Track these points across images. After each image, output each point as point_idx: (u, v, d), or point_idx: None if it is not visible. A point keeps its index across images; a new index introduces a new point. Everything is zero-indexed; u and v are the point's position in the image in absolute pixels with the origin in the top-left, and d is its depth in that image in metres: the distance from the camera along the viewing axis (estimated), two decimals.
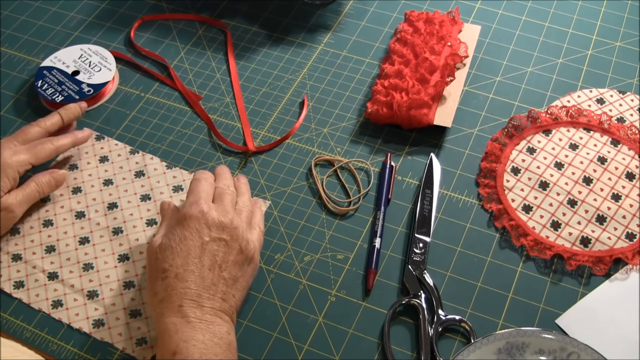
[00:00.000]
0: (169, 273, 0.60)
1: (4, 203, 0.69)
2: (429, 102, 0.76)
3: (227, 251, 0.62)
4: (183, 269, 0.60)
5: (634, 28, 0.87)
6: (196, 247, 0.61)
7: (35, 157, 0.73)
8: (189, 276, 0.60)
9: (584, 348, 0.59)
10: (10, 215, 0.70)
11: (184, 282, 0.60)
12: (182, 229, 0.62)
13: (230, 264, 0.62)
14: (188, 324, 0.58)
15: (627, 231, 0.69)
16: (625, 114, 0.78)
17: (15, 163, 0.71)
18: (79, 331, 0.66)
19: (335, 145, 0.78)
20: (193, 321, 0.58)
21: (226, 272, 0.62)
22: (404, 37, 0.84)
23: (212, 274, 0.61)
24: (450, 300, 0.66)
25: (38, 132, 0.75)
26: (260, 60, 0.87)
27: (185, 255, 0.61)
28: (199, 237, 0.62)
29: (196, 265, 0.61)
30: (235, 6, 0.94)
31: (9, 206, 0.69)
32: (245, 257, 0.64)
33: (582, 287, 0.66)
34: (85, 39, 0.91)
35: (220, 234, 0.62)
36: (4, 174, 0.70)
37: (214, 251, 0.62)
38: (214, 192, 0.67)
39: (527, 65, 0.84)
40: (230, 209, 0.65)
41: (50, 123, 0.76)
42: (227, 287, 0.61)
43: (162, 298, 0.60)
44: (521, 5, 0.91)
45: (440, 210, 0.72)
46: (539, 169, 0.74)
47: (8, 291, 0.69)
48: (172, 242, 0.62)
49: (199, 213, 0.63)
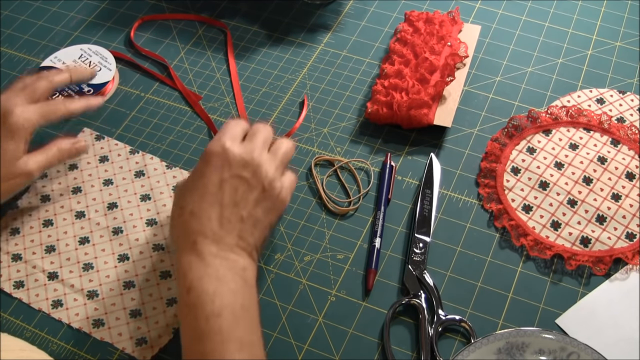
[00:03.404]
0: (185, 210, 0.60)
1: (26, 168, 0.67)
2: (429, 102, 0.76)
3: (248, 189, 0.60)
4: (199, 206, 0.59)
5: (634, 28, 0.87)
6: (214, 184, 0.60)
7: (45, 119, 0.69)
8: (203, 213, 0.59)
9: (584, 348, 0.59)
10: (29, 178, 0.68)
11: (198, 218, 0.59)
12: (202, 165, 0.61)
13: (251, 202, 0.60)
14: (202, 261, 0.57)
15: (627, 231, 0.69)
16: (625, 114, 0.78)
17: (26, 123, 0.67)
18: (79, 331, 0.66)
19: (335, 145, 0.78)
20: (207, 258, 0.57)
21: (245, 211, 0.60)
22: (404, 37, 0.84)
23: (229, 211, 0.59)
24: (450, 300, 0.66)
25: (47, 88, 0.71)
26: (260, 60, 0.87)
27: (202, 192, 0.60)
28: (218, 174, 0.60)
29: (211, 202, 0.59)
30: (235, 6, 0.94)
31: (30, 172, 0.68)
32: (269, 197, 0.61)
33: (582, 287, 0.66)
34: (85, 39, 0.91)
35: (241, 171, 0.60)
36: (18, 137, 0.67)
37: (232, 189, 0.60)
38: (245, 133, 0.64)
39: (527, 65, 0.84)
40: (258, 147, 0.62)
41: (59, 80, 0.73)
42: (245, 225, 0.60)
43: (178, 235, 0.60)
44: (521, 5, 0.91)
45: (440, 210, 0.72)
46: (539, 169, 0.74)
47: (8, 291, 0.69)
48: (193, 179, 0.61)
49: (220, 149, 0.61)
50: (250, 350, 0.54)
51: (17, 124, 0.67)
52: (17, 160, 0.67)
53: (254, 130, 0.65)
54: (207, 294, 0.55)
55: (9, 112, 0.67)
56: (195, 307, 0.55)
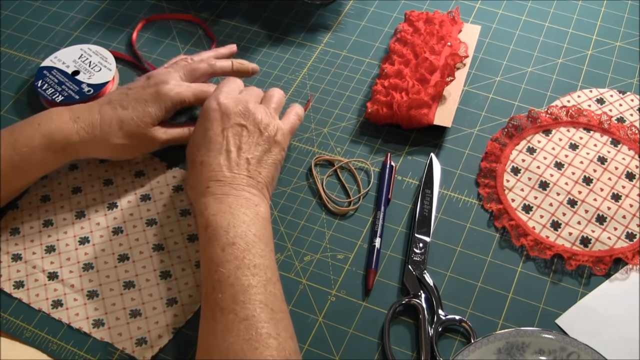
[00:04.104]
0: (195, 163, 0.66)
1: (150, 133, 0.72)
2: (429, 102, 0.76)
3: (248, 134, 0.67)
4: (207, 156, 0.66)
5: (634, 28, 0.87)
6: (217, 135, 0.66)
7: (196, 98, 0.73)
8: (212, 161, 0.65)
9: (584, 348, 0.59)
10: (152, 145, 0.73)
11: (208, 166, 0.65)
12: (203, 121, 0.68)
13: (253, 145, 0.67)
14: (216, 199, 0.63)
15: (627, 231, 0.69)
16: (625, 114, 0.78)
17: (176, 97, 0.72)
18: (79, 331, 0.66)
19: (335, 145, 0.78)
20: (220, 197, 0.63)
21: (248, 153, 0.66)
22: (404, 37, 0.84)
23: (235, 155, 0.66)
24: (450, 300, 0.66)
25: (206, 71, 0.76)
26: (260, 60, 0.87)
27: (207, 144, 0.66)
28: (219, 125, 0.67)
29: (218, 150, 0.66)
30: (235, 6, 0.94)
31: (155, 138, 0.72)
32: (267, 138, 0.68)
33: (582, 287, 0.66)
34: (85, 39, 0.91)
35: (239, 120, 0.67)
36: (161, 105, 0.71)
37: (234, 136, 0.66)
38: (239, 90, 0.71)
39: (527, 65, 0.84)
40: (252, 99, 0.70)
41: (220, 67, 0.77)
42: (251, 166, 0.66)
43: (192, 185, 0.66)
44: (521, 5, 0.91)
45: (440, 210, 0.72)
46: (539, 169, 0.74)
47: (8, 291, 0.69)
48: (197, 135, 0.68)
49: (216, 104, 0.68)
50: (264, 273, 0.59)
51: (166, 94, 0.71)
52: (152, 126, 0.72)
53: (246, 88, 0.72)
54: (221, 227, 0.61)
55: (164, 82, 0.72)
56: (212, 240, 0.60)
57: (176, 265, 0.69)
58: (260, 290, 0.57)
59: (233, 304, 0.56)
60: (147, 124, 0.71)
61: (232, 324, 0.55)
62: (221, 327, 0.56)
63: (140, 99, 0.71)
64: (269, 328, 0.55)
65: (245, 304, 0.56)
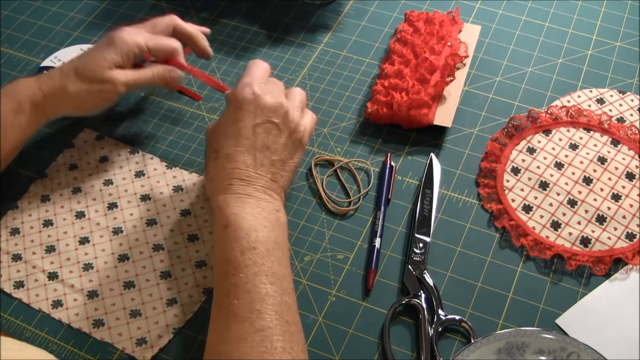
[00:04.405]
0: (220, 154, 0.63)
1: (113, 76, 0.69)
2: (429, 102, 0.76)
3: (278, 134, 0.64)
4: (234, 149, 0.63)
5: (634, 28, 0.87)
6: (247, 129, 0.63)
7: (154, 42, 0.72)
8: (238, 157, 0.63)
9: (584, 348, 0.59)
10: (112, 89, 0.70)
11: (234, 162, 0.63)
12: (234, 110, 0.64)
13: (280, 146, 0.64)
14: (238, 199, 0.61)
15: (627, 231, 0.69)
16: (625, 114, 0.78)
17: (131, 41, 0.70)
18: (79, 331, 0.66)
19: (335, 145, 0.78)
20: (242, 197, 0.61)
21: (276, 155, 0.64)
22: (404, 37, 0.84)
23: (262, 155, 0.63)
24: (450, 300, 0.66)
25: (167, 24, 0.75)
26: None
27: (236, 136, 0.63)
28: (250, 119, 0.64)
29: (246, 146, 0.63)
30: (235, 6, 0.94)
31: (115, 80, 0.70)
32: (295, 140, 0.66)
33: (582, 287, 0.66)
34: (85, 39, 0.91)
35: (272, 117, 0.64)
36: (118, 49, 0.70)
37: (264, 133, 0.64)
38: (268, 75, 0.68)
39: (527, 65, 0.84)
40: (282, 94, 0.67)
41: (180, 23, 0.75)
42: (276, 168, 0.64)
43: (212, 177, 0.63)
44: (521, 5, 0.91)
45: (440, 210, 0.72)
46: (539, 169, 0.74)
47: (8, 291, 0.69)
48: (225, 124, 0.64)
49: (252, 95, 0.64)
50: (281, 282, 0.58)
51: (121, 38, 0.70)
52: (109, 69, 0.69)
53: (271, 79, 0.68)
54: (242, 229, 0.59)
55: (120, 31, 0.71)
56: (232, 241, 0.58)
57: (176, 265, 0.69)
58: (277, 300, 0.56)
59: (249, 312, 0.55)
60: (103, 67, 0.69)
61: (247, 333, 0.54)
62: (234, 334, 0.54)
63: (95, 48, 0.71)
64: (283, 342, 0.54)
65: (261, 313, 0.55)
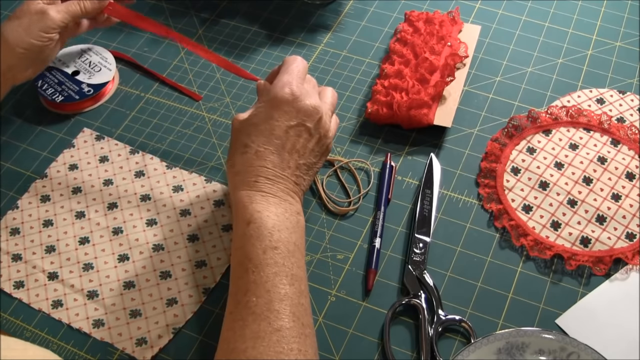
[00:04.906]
0: (250, 149, 0.63)
1: (39, 6, 0.72)
2: (429, 102, 0.76)
3: (308, 138, 0.64)
4: (264, 147, 0.63)
5: (634, 28, 0.87)
6: (281, 129, 0.63)
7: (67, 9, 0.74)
8: (268, 155, 0.62)
9: (584, 348, 0.59)
10: (47, 19, 0.72)
11: (263, 160, 0.62)
12: (270, 108, 0.64)
13: (308, 151, 0.65)
14: (263, 197, 0.61)
15: (627, 231, 0.69)
16: (625, 114, 0.78)
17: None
18: (79, 331, 0.66)
19: (335, 145, 0.78)
20: (267, 196, 0.61)
21: (303, 159, 0.64)
22: (404, 37, 0.84)
23: (290, 157, 0.63)
24: (450, 300, 0.66)
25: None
26: (260, 60, 0.87)
27: (268, 134, 0.63)
28: (285, 120, 0.63)
29: (277, 146, 0.63)
30: (235, 6, 0.94)
31: (44, 9, 0.72)
32: (322, 145, 0.66)
33: (582, 287, 0.66)
34: (85, 39, 0.91)
35: (306, 121, 0.64)
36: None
37: (295, 136, 0.64)
38: (305, 73, 0.67)
39: (527, 65, 0.84)
40: (317, 95, 0.66)
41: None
42: (300, 172, 0.64)
43: (238, 171, 0.63)
44: (521, 5, 0.91)
45: (440, 210, 0.72)
46: (539, 169, 0.74)
47: (8, 291, 0.69)
48: (258, 119, 0.64)
49: (290, 95, 0.64)
50: (299, 284, 0.58)
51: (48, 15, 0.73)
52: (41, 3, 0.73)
53: (307, 78, 0.68)
54: (266, 228, 0.59)
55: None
56: (254, 238, 0.58)
57: (176, 265, 0.69)
58: (295, 301, 0.56)
59: (267, 312, 0.55)
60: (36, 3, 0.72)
61: (265, 332, 0.54)
62: (251, 332, 0.54)
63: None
64: (299, 344, 0.54)
65: (279, 314, 0.55)
